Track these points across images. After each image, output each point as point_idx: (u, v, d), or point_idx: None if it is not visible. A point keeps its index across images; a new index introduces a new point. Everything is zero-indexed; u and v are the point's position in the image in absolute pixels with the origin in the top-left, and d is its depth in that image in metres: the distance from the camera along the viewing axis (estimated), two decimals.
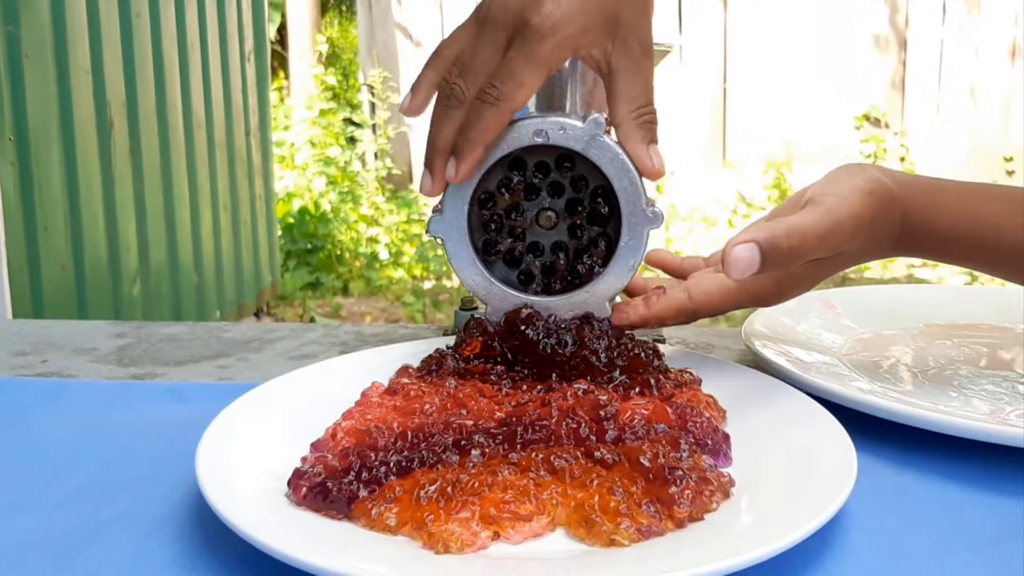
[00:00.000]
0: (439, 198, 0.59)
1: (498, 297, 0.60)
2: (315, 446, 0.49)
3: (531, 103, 0.59)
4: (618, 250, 0.59)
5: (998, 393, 0.59)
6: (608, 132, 0.58)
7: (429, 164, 0.57)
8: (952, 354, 0.68)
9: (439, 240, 0.59)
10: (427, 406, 0.51)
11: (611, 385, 0.54)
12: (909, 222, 0.60)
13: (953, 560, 0.42)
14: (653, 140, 0.57)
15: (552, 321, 0.59)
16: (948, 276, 4.17)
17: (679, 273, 0.70)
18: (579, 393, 0.51)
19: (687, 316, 0.62)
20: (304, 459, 0.48)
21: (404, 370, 0.58)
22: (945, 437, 0.52)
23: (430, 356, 0.58)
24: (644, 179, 0.58)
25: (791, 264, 0.57)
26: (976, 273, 4.08)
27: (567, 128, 0.57)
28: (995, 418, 0.55)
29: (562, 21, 0.54)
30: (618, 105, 0.57)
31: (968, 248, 0.61)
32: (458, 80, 0.55)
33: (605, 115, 0.58)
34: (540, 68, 0.54)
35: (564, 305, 0.60)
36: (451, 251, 0.59)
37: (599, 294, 0.59)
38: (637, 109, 0.57)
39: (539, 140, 0.57)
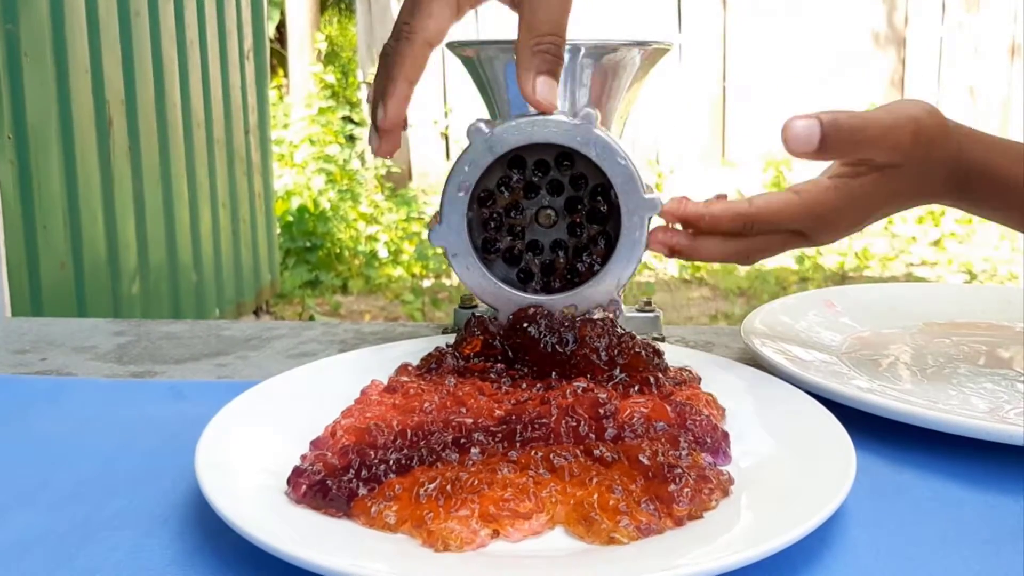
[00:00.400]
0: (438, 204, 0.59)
1: (505, 300, 0.60)
2: (314, 444, 0.49)
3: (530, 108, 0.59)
4: (618, 246, 0.59)
5: (997, 391, 0.59)
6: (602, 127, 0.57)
7: (371, 117, 0.58)
8: (951, 352, 0.68)
9: (443, 252, 0.59)
10: (426, 404, 0.51)
11: (611, 383, 0.54)
12: (964, 161, 0.59)
13: (952, 558, 0.42)
14: (546, 71, 0.56)
15: (552, 319, 0.59)
16: (947, 275, 4.17)
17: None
18: (578, 391, 0.51)
19: (743, 223, 0.58)
20: (303, 457, 0.48)
21: (403, 368, 0.58)
22: (944, 435, 0.52)
23: (430, 354, 0.58)
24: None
25: (851, 150, 0.56)
26: (975, 272, 4.07)
27: (554, 124, 0.57)
28: (994, 416, 0.55)
29: None
30: (520, 33, 0.56)
31: (1020, 197, 0.59)
32: (389, 38, 0.57)
33: (595, 111, 0.57)
34: None
35: (562, 304, 0.60)
36: (458, 266, 0.60)
37: (601, 289, 0.59)
38: (536, 38, 0.55)
39: (522, 141, 0.57)
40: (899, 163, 0.57)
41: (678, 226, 0.60)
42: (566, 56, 0.59)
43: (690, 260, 0.60)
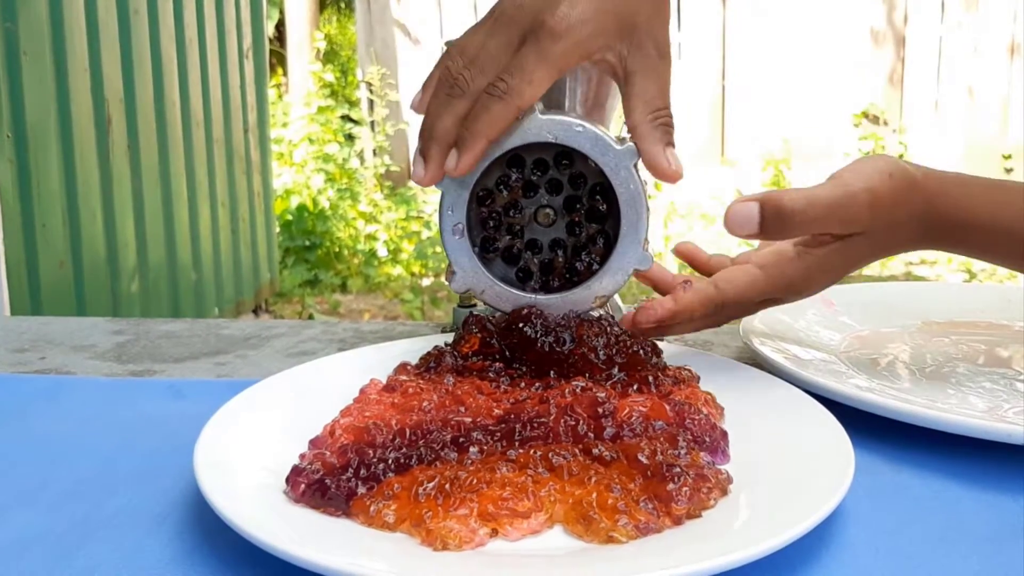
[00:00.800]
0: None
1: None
2: (313, 443, 0.49)
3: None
4: (612, 255, 0.59)
5: (996, 390, 0.59)
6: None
7: (424, 152, 0.55)
8: (950, 351, 0.68)
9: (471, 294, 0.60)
10: (425, 403, 0.51)
11: (609, 382, 0.54)
12: (936, 212, 0.59)
13: (950, 557, 0.42)
14: (669, 143, 0.56)
15: (551, 319, 0.59)
16: (946, 274, 4.17)
17: (706, 270, 0.68)
18: (577, 390, 0.51)
19: (714, 307, 0.60)
20: (302, 456, 0.48)
21: (402, 367, 0.58)
22: (943, 434, 0.52)
23: (428, 353, 0.58)
24: (663, 182, 0.57)
25: (796, 230, 0.56)
26: (975, 271, 4.07)
27: (597, 140, 0.57)
28: (993, 415, 0.55)
29: (577, 23, 0.54)
30: (634, 108, 0.56)
31: (998, 240, 0.60)
32: (464, 71, 0.55)
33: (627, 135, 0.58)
34: (551, 67, 0.54)
35: (562, 303, 0.60)
36: (490, 300, 0.60)
37: (597, 293, 0.59)
38: (653, 112, 0.56)
39: (568, 143, 0.57)
40: (860, 231, 0.58)
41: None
42: None
43: (667, 335, 0.62)
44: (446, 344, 0.59)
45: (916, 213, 0.59)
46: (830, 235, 0.58)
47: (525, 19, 0.54)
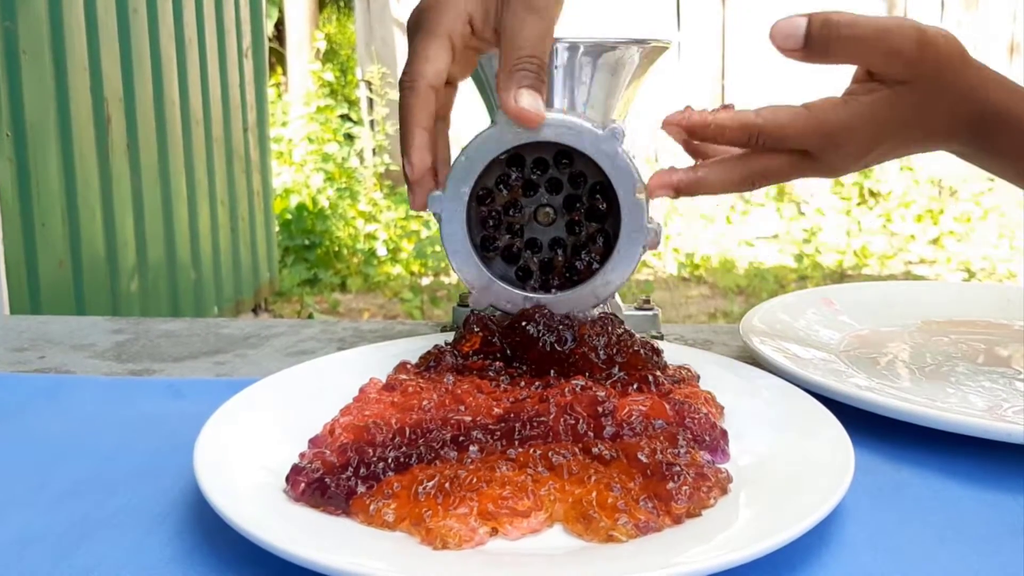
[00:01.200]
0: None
1: (495, 294, 0.60)
2: (313, 442, 0.49)
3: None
4: (615, 253, 0.59)
5: (995, 389, 0.59)
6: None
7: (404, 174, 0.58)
8: (950, 350, 0.68)
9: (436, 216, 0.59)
10: (425, 402, 0.51)
11: (609, 381, 0.54)
12: (983, 101, 0.56)
13: (950, 556, 0.42)
14: (525, 84, 0.55)
15: (551, 318, 0.58)
16: (946, 273, 4.17)
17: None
18: (577, 389, 0.51)
19: (748, 135, 0.56)
20: (302, 455, 0.48)
21: (402, 366, 0.58)
22: (942, 433, 0.52)
23: (428, 352, 0.58)
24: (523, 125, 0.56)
25: (841, 50, 0.54)
26: (974, 270, 4.06)
27: (572, 128, 0.57)
28: (992, 414, 0.55)
29: None
30: (500, 63, 0.56)
31: None
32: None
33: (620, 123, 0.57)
34: (434, 36, 0.55)
35: (562, 302, 0.60)
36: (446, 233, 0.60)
37: (597, 292, 0.59)
38: (513, 59, 0.55)
39: (550, 137, 0.57)
40: (905, 77, 0.55)
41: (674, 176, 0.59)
42: (565, 54, 0.59)
43: (695, 195, 0.58)
44: (446, 343, 0.59)
45: (963, 90, 0.55)
46: (876, 80, 0.55)
47: (413, 17, 0.57)
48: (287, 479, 0.45)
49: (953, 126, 0.57)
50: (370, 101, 5.90)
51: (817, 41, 0.54)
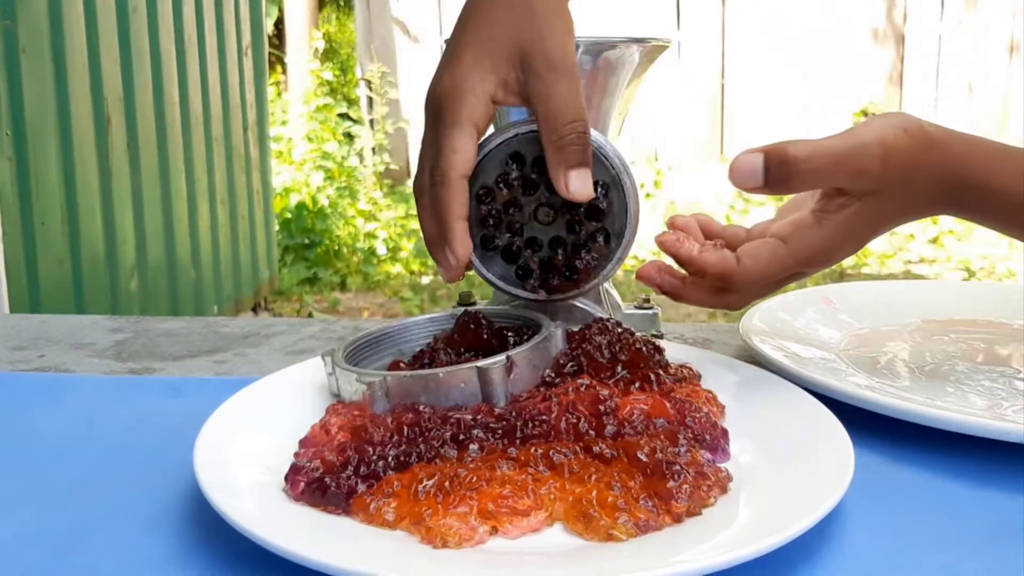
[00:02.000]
0: None
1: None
2: (304, 442, 0.49)
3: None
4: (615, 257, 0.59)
5: (995, 389, 0.59)
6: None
7: (432, 256, 0.58)
8: (949, 350, 0.68)
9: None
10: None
11: (612, 380, 0.54)
12: (958, 174, 0.55)
13: (950, 555, 0.42)
14: (574, 164, 0.56)
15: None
16: (945, 272, 4.17)
17: (719, 238, 0.64)
18: (581, 388, 0.51)
19: (728, 281, 0.57)
20: (297, 455, 0.48)
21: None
22: (942, 433, 0.52)
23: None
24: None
25: (802, 180, 0.54)
26: (973, 269, 4.06)
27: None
28: (992, 414, 0.55)
29: (462, 79, 0.56)
30: (541, 131, 0.56)
31: (1021, 211, 0.56)
32: (419, 176, 0.58)
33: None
34: (459, 127, 0.55)
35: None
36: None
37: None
38: (557, 131, 0.55)
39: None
40: (874, 189, 0.55)
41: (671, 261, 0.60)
42: None
43: (677, 301, 0.60)
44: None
45: (936, 173, 0.55)
46: (845, 195, 0.55)
47: (430, 104, 0.57)
48: (286, 478, 0.45)
49: (933, 206, 0.57)
50: (370, 100, 5.90)
51: (777, 177, 0.54)
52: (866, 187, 0.55)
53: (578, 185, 0.56)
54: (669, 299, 0.60)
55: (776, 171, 0.54)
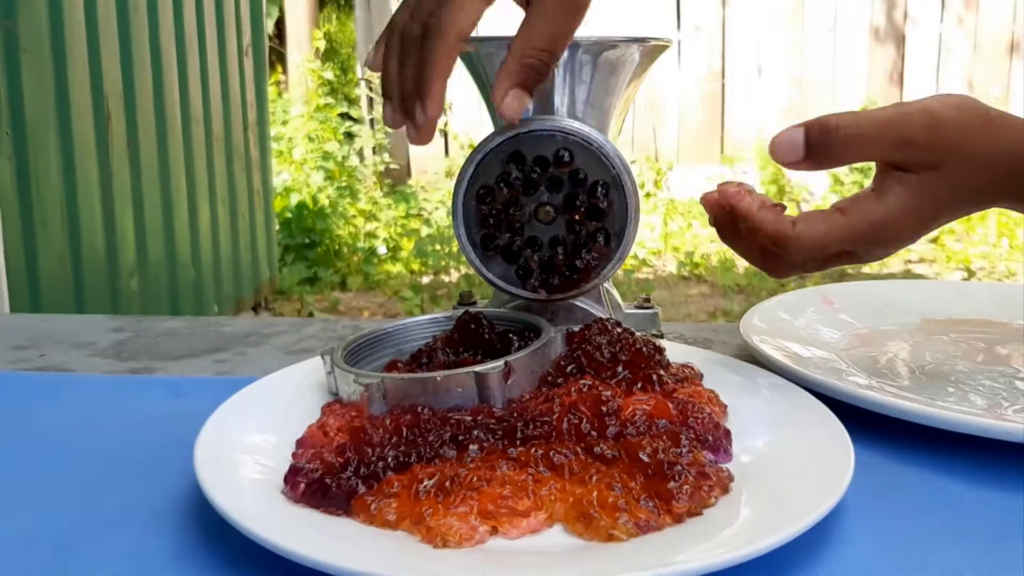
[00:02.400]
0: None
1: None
2: (301, 443, 0.49)
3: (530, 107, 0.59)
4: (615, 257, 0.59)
5: (995, 388, 0.60)
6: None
7: (388, 96, 0.56)
8: (949, 350, 0.68)
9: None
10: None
11: (614, 380, 0.54)
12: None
13: (950, 555, 0.42)
14: (518, 83, 0.54)
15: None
16: (945, 272, 4.17)
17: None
18: (583, 389, 0.51)
19: (779, 240, 0.54)
20: (296, 455, 0.48)
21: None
22: (942, 432, 0.52)
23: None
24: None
25: (845, 152, 0.52)
26: (973, 269, 4.05)
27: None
28: (992, 413, 0.55)
29: None
30: (515, 38, 0.55)
31: None
32: (408, 21, 0.55)
33: None
34: None
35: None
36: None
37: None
38: (526, 46, 0.54)
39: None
40: (929, 161, 0.52)
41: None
42: (564, 53, 0.59)
43: (724, 241, 0.57)
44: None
45: (998, 153, 0.52)
46: (901, 169, 0.53)
47: None
48: (285, 480, 0.45)
49: (995, 189, 0.54)
50: (370, 100, 5.89)
51: (819, 148, 0.53)
52: (916, 158, 0.52)
53: (511, 103, 0.54)
54: (715, 236, 0.55)
55: (817, 140, 0.52)
